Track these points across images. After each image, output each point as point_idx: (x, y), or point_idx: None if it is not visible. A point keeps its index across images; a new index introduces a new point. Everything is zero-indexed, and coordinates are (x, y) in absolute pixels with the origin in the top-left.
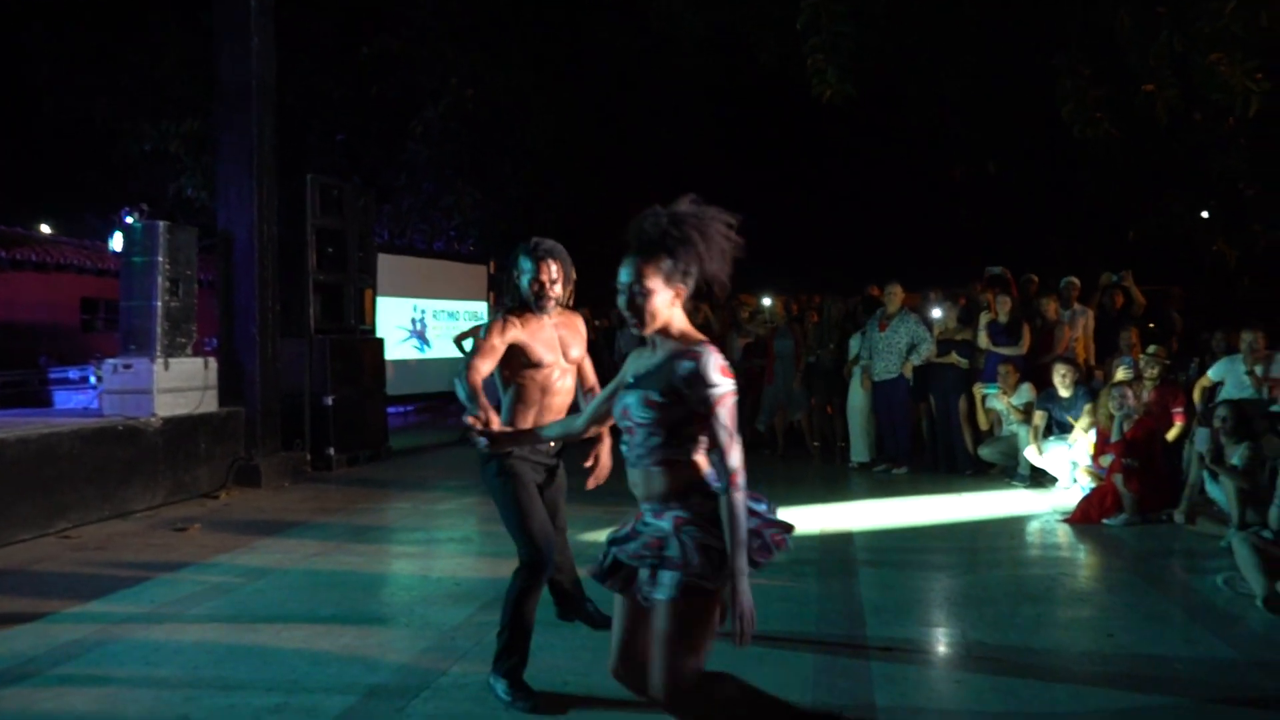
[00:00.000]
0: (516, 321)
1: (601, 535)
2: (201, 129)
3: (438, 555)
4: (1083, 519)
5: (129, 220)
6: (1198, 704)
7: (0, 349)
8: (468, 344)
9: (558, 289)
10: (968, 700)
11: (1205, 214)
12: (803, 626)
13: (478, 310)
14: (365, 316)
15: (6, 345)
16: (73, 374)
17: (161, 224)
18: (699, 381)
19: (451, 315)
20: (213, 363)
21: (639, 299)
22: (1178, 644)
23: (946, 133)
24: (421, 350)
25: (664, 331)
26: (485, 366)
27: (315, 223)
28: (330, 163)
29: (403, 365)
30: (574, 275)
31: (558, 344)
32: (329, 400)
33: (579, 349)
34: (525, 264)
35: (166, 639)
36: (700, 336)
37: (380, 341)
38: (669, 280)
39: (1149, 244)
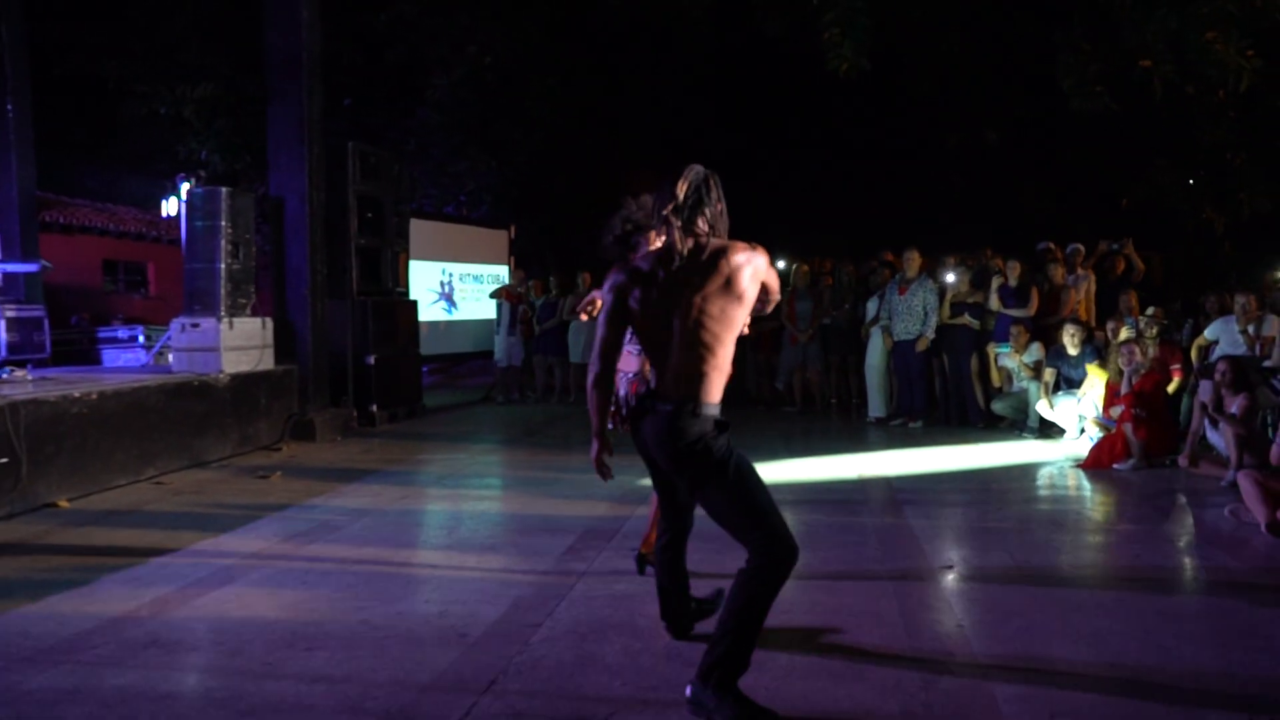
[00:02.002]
0: None
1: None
2: (215, 93)
3: (513, 497)
4: (1095, 464)
5: (184, 185)
6: (1220, 599)
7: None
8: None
9: None
10: (1031, 610)
11: (1192, 182)
12: (871, 554)
13: (500, 274)
14: (400, 279)
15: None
16: (122, 333)
17: (224, 190)
18: None
19: (477, 279)
20: (269, 322)
21: None
22: (1195, 560)
23: (945, 102)
24: (449, 312)
25: None
26: None
27: (356, 189)
28: (335, 127)
29: (433, 326)
30: None
31: None
32: (371, 359)
33: None
34: None
35: (307, 564)
36: None
37: (414, 303)
38: None
39: (1138, 212)
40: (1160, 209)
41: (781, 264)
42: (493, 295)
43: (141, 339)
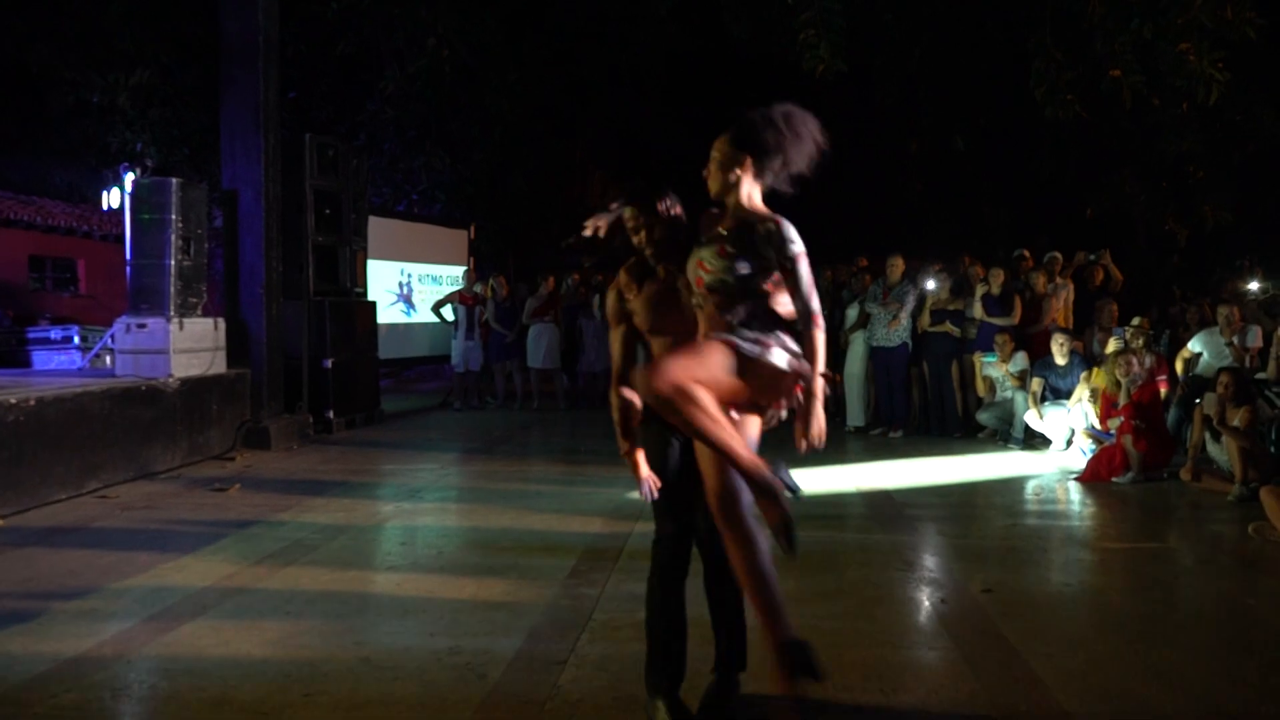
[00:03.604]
0: None
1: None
2: (152, 82)
3: (498, 513)
4: (1093, 477)
5: (128, 176)
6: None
7: None
8: (447, 311)
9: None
10: (1079, 628)
11: (1156, 192)
12: (898, 572)
13: (458, 275)
14: (359, 279)
15: None
16: (54, 334)
17: (174, 181)
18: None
19: (435, 280)
20: (222, 323)
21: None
22: (1238, 584)
23: (911, 108)
24: (408, 314)
25: (738, 205)
26: None
27: (313, 183)
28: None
29: (391, 329)
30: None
31: None
32: (328, 363)
33: None
34: None
35: (289, 589)
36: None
37: (373, 305)
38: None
39: (1093, 221)
40: (1120, 219)
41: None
42: (435, 308)
43: (77, 340)
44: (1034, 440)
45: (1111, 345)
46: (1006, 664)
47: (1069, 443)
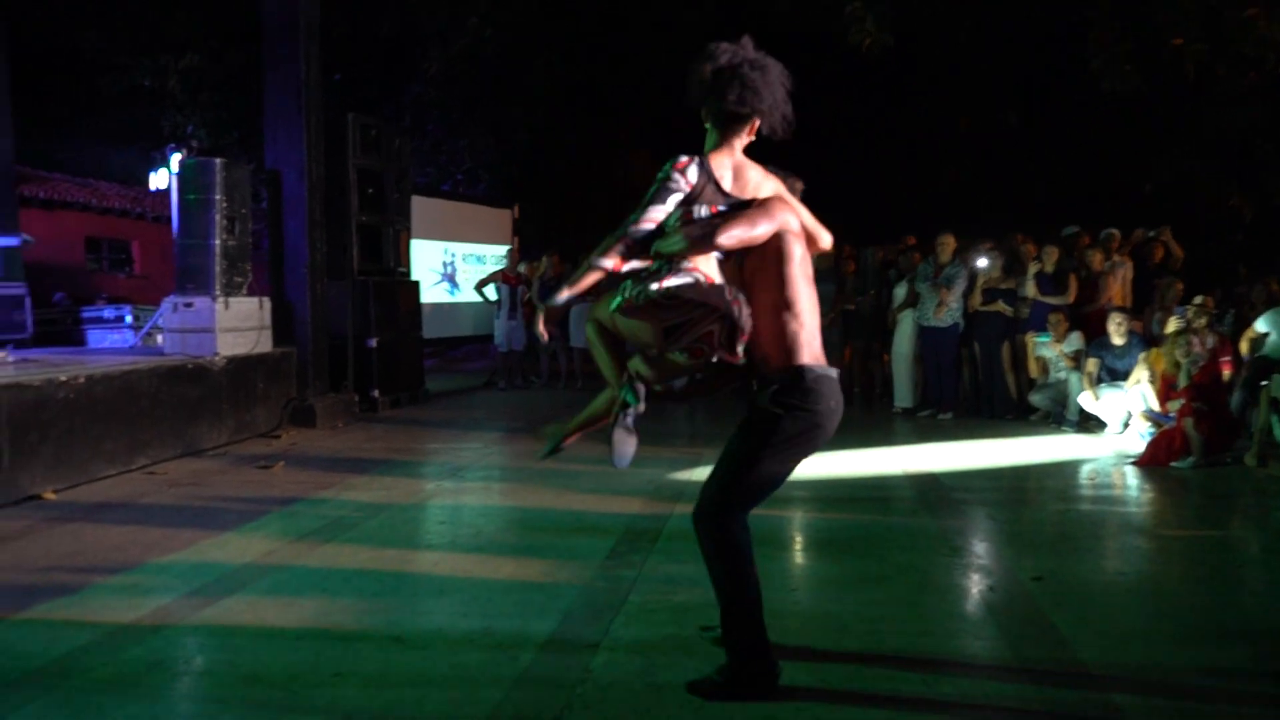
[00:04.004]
0: None
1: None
2: (202, 65)
3: (538, 492)
4: (1151, 461)
5: (175, 158)
6: None
7: None
8: (490, 291)
9: None
10: (1134, 619)
11: (1219, 167)
12: (944, 558)
13: (502, 254)
14: (402, 259)
15: None
16: (108, 313)
17: (218, 161)
18: None
19: (479, 259)
20: (267, 303)
21: None
22: None
23: (962, 82)
24: (452, 293)
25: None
26: None
27: (356, 162)
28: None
29: (435, 308)
30: None
31: None
32: (373, 342)
33: None
34: None
35: (326, 566)
36: None
37: (416, 284)
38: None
39: (1155, 198)
40: (1181, 195)
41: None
42: (479, 287)
43: (129, 319)
44: (1088, 423)
45: (1172, 325)
46: (1056, 656)
47: (1126, 426)
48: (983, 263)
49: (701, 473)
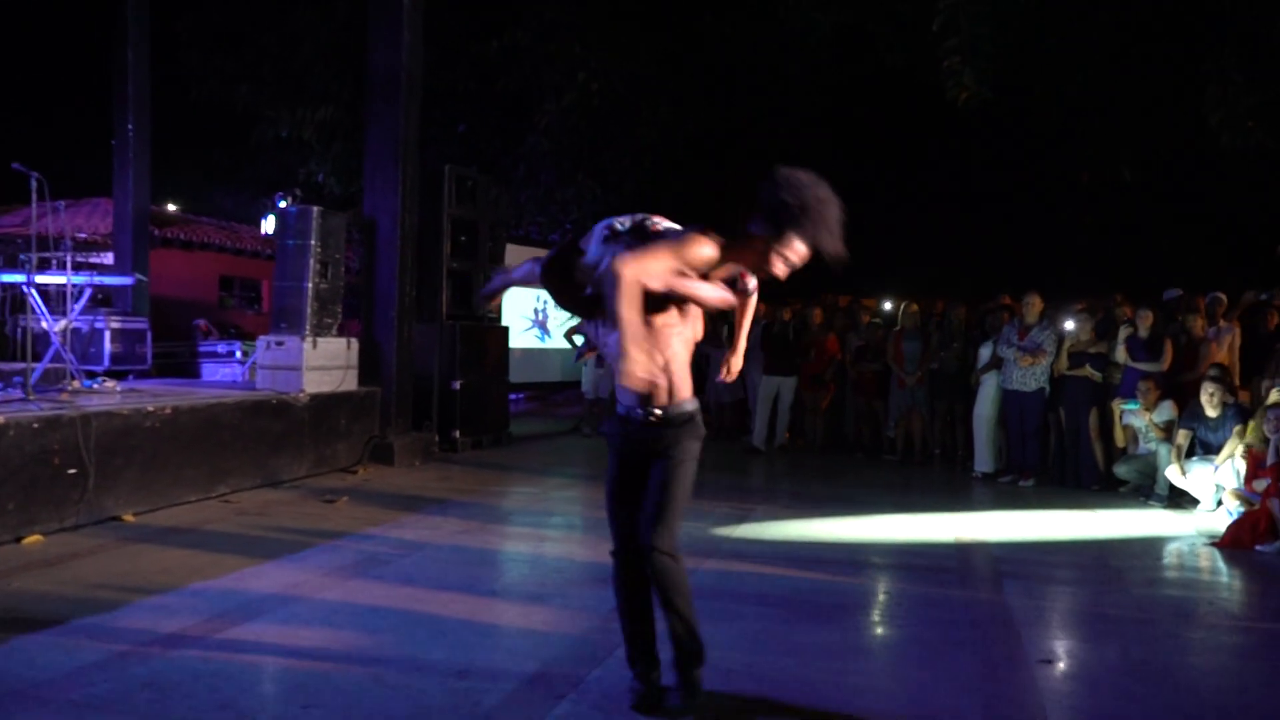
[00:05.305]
0: None
1: (735, 529)
2: (335, 117)
3: (578, 540)
4: (1233, 543)
5: (281, 204)
6: None
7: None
8: (579, 339)
9: None
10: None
11: None
12: (958, 633)
13: None
14: (493, 304)
15: (157, 319)
16: (220, 348)
17: (315, 209)
18: None
19: None
20: (354, 343)
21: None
22: None
23: (1076, 136)
24: (542, 339)
25: None
26: None
27: (451, 212)
28: (450, 153)
29: (525, 353)
30: None
31: None
32: (456, 384)
33: None
34: None
35: (342, 601)
36: None
37: (505, 329)
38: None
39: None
40: None
41: (889, 304)
42: (568, 334)
43: (239, 354)
44: (1180, 499)
45: (1274, 397)
46: None
47: (1219, 503)
48: (1070, 325)
49: (746, 529)
